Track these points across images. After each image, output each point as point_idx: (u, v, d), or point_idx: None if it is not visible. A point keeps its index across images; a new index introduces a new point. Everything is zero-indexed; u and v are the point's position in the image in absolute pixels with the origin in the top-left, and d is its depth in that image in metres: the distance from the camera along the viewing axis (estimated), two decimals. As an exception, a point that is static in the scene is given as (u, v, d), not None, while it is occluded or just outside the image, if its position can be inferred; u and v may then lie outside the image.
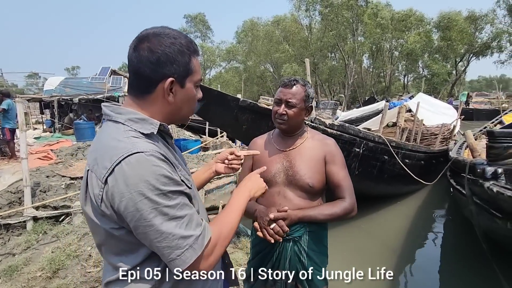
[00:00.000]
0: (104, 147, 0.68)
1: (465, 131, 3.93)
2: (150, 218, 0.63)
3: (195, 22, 37.09)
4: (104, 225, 0.68)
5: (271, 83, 32.65)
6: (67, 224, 3.55)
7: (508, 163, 2.47)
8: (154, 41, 0.70)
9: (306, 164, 1.24)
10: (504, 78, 55.71)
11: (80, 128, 9.15)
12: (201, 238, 0.68)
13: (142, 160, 0.64)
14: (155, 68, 0.69)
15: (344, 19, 25.15)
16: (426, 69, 28.73)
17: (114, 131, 0.70)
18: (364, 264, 3.19)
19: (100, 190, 0.65)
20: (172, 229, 0.64)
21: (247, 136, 3.38)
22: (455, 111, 8.05)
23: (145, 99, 0.73)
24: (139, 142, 0.67)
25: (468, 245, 3.68)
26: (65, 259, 2.69)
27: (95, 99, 12.39)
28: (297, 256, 1.20)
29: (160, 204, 0.63)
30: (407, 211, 4.90)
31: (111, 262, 0.73)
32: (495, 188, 1.96)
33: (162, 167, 0.65)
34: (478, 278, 2.91)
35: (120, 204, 0.63)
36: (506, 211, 1.94)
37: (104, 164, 0.65)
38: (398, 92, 27.04)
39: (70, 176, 4.31)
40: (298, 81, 1.26)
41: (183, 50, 0.72)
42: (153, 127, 0.71)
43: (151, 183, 0.63)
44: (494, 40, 26.50)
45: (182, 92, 0.74)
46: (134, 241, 0.68)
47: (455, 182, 3.71)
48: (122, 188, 0.62)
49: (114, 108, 0.74)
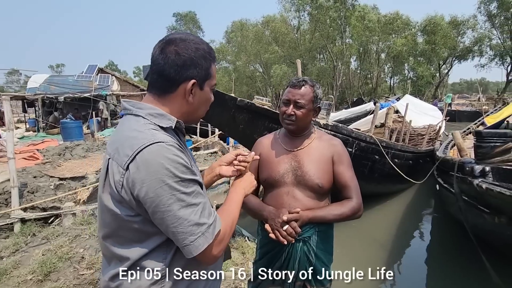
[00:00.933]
0: (125, 137, 0.73)
1: (453, 132, 4.07)
2: (169, 203, 0.67)
3: (185, 21, 36.71)
4: (121, 212, 0.71)
5: (260, 84, 32.73)
6: (57, 225, 3.45)
7: (495, 162, 2.61)
8: (181, 45, 0.76)
9: (315, 165, 1.24)
10: (484, 81, 58.02)
11: (67, 127, 8.92)
12: (213, 227, 0.72)
13: (163, 150, 0.68)
14: (180, 70, 0.75)
15: (333, 21, 25.53)
16: (411, 72, 29.52)
17: (134, 124, 0.74)
18: (357, 260, 3.29)
19: (121, 177, 0.69)
20: (188, 215, 0.68)
21: (243, 136, 3.39)
22: (440, 113, 8.33)
23: (165, 97, 0.78)
24: (158, 133, 0.72)
25: (452, 240, 3.83)
26: (56, 262, 2.61)
27: (82, 97, 12.08)
28: (306, 256, 1.21)
29: (178, 191, 0.67)
30: (396, 209, 5.04)
31: (118, 253, 0.74)
32: (484, 185, 2.04)
33: (181, 157, 0.70)
34: (461, 269, 3.07)
35: (141, 190, 0.67)
36: (494, 206, 2.02)
37: (126, 152, 0.69)
38: (384, 94, 27.63)
39: (59, 177, 4.20)
40: (307, 81, 1.26)
41: (205, 55, 0.78)
42: (170, 122, 0.76)
43: (171, 170, 0.67)
44: (475, 45, 27.56)
45: (200, 94, 0.80)
46: (146, 230, 0.72)
47: (443, 181, 3.83)
48: (143, 174, 0.66)
49: (134, 103, 0.79)
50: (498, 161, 2.62)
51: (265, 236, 1.26)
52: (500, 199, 1.87)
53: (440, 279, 3.04)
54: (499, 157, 2.62)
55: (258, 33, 30.05)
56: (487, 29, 27.22)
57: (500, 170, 2.53)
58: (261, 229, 1.31)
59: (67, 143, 7.02)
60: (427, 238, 4.26)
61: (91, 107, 11.86)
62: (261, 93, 30.67)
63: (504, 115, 7.01)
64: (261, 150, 1.35)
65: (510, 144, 2.64)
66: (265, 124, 3.17)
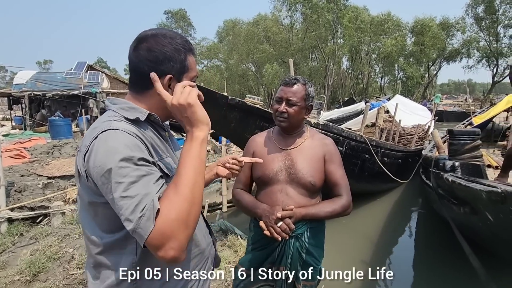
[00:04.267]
0: (91, 129, 0.74)
1: (432, 131, 4.25)
2: (109, 191, 0.64)
3: (176, 18, 36.37)
4: (91, 199, 0.71)
5: (253, 83, 32.70)
6: (45, 225, 3.39)
7: (465, 158, 2.87)
8: (152, 41, 0.75)
9: (308, 163, 1.27)
10: (471, 83, 59.52)
11: (55, 125, 8.72)
12: (145, 221, 0.62)
13: (111, 136, 0.67)
14: (153, 66, 0.74)
15: (326, 21, 25.70)
16: (401, 72, 30.02)
17: (103, 117, 0.76)
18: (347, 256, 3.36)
19: (83, 166, 0.70)
20: (120, 207, 0.63)
21: (234, 134, 3.39)
22: (429, 113, 8.50)
23: (144, 94, 0.78)
24: (117, 123, 0.71)
25: (436, 234, 4.00)
26: (45, 262, 2.57)
27: (71, 95, 11.84)
28: (298, 252, 1.24)
29: (112, 180, 0.64)
30: (384, 207, 5.15)
31: (94, 240, 0.75)
32: (451, 178, 2.17)
33: (126, 145, 0.66)
34: (444, 262, 3.20)
35: (93, 178, 0.67)
36: (460, 197, 2.13)
37: (85, 143, 0.70)
38: (375, 94, 28.07)
39: (47, 176, 4.12)
40: (299, 80, 1.29)
41: (179, 48, 0.77)
42: (140, 114, 0.75)
43: (111, 158, 0.65)
44: (464, 47, 28.21)
45: None
46: (114, 216, 0.68)
47: (425, 177, 3.99)
48: (92, 163, 0.66)
49: (111, 100, 0.80)
50: (467, 157, 2.88)
51: (257, 232, 1.28)
52: (463, 190, 1.98)
53: (426, 272, 3.15)
54: (468, 154, 2.89)
55: (250, 32, 30.01)
56: (474, 31, 27.93)
57: (468, 165, 2.77)
58: (254, 226, 1.33)
59: (56, 141, 6.87)
60: (413, 233, 4.41)
61: (80, 104, 11.64)
62: (254, 92, 30.67)
63: (490, 115, 7.23)
64: (254, 148, 1.37)
65: (478, 142, 2.92)
66: (256, 122, 3.17)
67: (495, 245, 2.11)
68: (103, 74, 14.74)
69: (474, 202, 1.90)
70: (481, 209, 1.77)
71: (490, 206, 1.62)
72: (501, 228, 1.69)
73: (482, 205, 1.75)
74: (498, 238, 1.90)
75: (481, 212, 1.78)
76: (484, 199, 1.55)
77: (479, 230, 2.07)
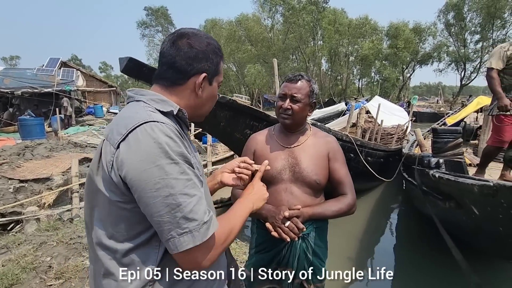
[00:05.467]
0: (122, 118, 0.69)
1: (415, 129, 4.43)
2: (157, 188, 0.60)
3: (156, 16, 35.47)
4: (111, 197, 0.65)
5: (234, 82, 32.60)
6: (18, 232, 3.14)
7: (448, 155, 3.02)
8: (194, 38, 0.75)
9: (312, 161, 1.24)
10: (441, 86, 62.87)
11: (26, 124, 8.19)
12: (205, 228, 0.63)
13: (158, 128, 0.63)
14: (192, 62, 0.74)
15: (305, 23, 26.15)
16: (378, 74, 31.18)
17: (133, 107, 0.71)
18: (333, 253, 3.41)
19: (112, 156, 0.64)
20: (177, 205, 0.61)
21: (224, 133, 3.32)
22: (406, 114, 8.85)
23: (174, 89, 0.76)
24: (156, 114, 0.68)
25: (417, 230, 4.18)
26: (19, 273, 2.38)
27: (42, 93, 11.17)
28: (305, 253, 1.21)
29: (169, 175, 0.61)
30: (369, 205, 5.29)
31: (105, 243, 0.68)
32: (437, 174, 2.24)
33: (176, 141, 0.64)
34: (425, 255, 3.37)
35: (128, 171, 0.61)
36: (445, 193, 2.22)
37: (119, 131, 0.65)
38: (353, 95, 28.91)
39: (19, 179, 3.83)
40: (303, 76, 1.25)
41: (216, 51, 0.78)
42: (172, 108, 0.72)
43: (165, 150, 0.61)
44: (435, 51, 29.81)
45: (209, 89, 0.79)
46: (136, 220, 0.65)
47: (407, 175, 4.14)
48: (133, 154, 0.61)
49: (137, 91, 0.76)
50: (450, 155, 3.03)
51: (261, 234, 1.24)
52: (448, 185, 2.06)
53: (407, 265, 3.31)
54: (451, 151, 3.04)
55: (231, 32, 29.92)
56: (444, 37, 29.62)
57: (451, 162, 2.94)
58: (257, 227, 1.28)
59: (27, 142, 6.44)
60: (394, 229, 4.58)
61: (53, 103, 11.01)
62: (235, 92, 30.59)
63: (461, 115, 7.67)
64: (255, 146, 1.32)
65: (460, 140, 3.09)
66: (246, 121, 3.12)
67: (477, 238, 2.20)
68: (78, 72, 14.07)
69: (460, 197, 1.97)
70: (467, 203, 1.84)
71: (478, 200, 1.68)
72: (486, 221, 1.76)
73: (469, 199, 1.81)
74: (481, 231, 1.98)
75: (467, 206, 1.85)
76: (475, 193, 1.60)
77: (463, 224, 2.15)
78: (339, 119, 8.29)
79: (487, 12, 25.62)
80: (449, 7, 27.94)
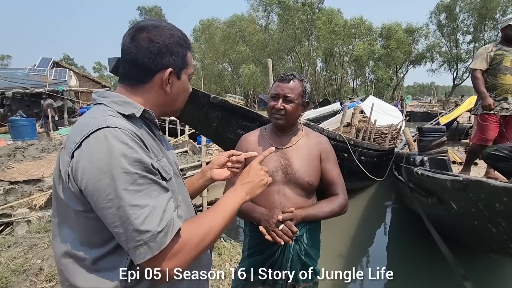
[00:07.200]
0: (79, 124, 0.66)
1: (404, 129, 4.49)
2: (109, 199, 0.58)
3: (149, 16, 35.24)
4: (74, 206, 0.63)
5: (229, 82, 32.55)
6: (7, 235, 3.10)
7: (432, 153, 3.08)
8: (154, 32, 0.70)
9: (305, 162, 1.23)
10: (434, 85, 63.70)
11: (17, 125, 8.06)
12: (162, 236, 0.60)
13: (112, 135, 0.60)
14: (155, 58, 0.69)
15: (301, 23, 26.22)
16: (372, 74, 31.42)
17: (93, 111, 0.68)
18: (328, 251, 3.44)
19: (67, 166, 0.62)
20: (128, 217, 0.58)
21: (216, 134, 3.30)
22: (400, 113, 8.93)
23: (139, 88, 0.72)
24: (114, 119, 0.64)
25: (408, 227, 4.24)
26: (9, 276, 2.34)
27: (34, 93, 11.01)
28: (298, 254, 1.20)
29: (119, 186, 0.58)
30: (362, 204, 5.33)
31: (75, 253, 0.66)
32: (420, 171, 2.29)
33: (132, 146, 0.61)
34: (416, 251, 3.44)
35: (82, 180, 0.59)
36: (428, 189, 2.26)
37: (74, 139, 0.62)
38: (348, 95, 29.10)
39: (9, 180, 3.77)
40: (296, 75, 1.23)
41: (181, 42, 0.73)
42: (135, 110, 0.68)
43: (116, 160, 0.58)
44: (428, 51, 30.14)
45: (178, 84, 0.75)
46: (102, 227, 0.62)
47: (398, 173, 4.19)
48: (85, 163, 0.59)
49: (100, 93, 0.72)
50: (434, 153, 3.09)
51: (254, 237, 1.23)
52: (428, 182, 2.11)
53: (400, 262, 3.37)
54: (435, 149, 3.09)
55: (226, 32, 29.87)
56: (437, 37, 29.97)
57: (435, 160, 3.00)
58: (250, 230, 1.27)
59: (18, 143, 6.35)
60: (387, 227, 4.64)
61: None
62: (230, 92, 30.55)
63: (454, 115, 7.76)
64: (247, 147, 1.30)
65: (444, 138, 3.14)
66: (238, 122, 3.12)
67: (458, 232, 2.24)
68: (71, 72, 13.92)
69: (440, 192, 2.01)
70: (447, 199, 1.88)
71: (454, 195, 1.71)
72: (463, 215, 1.79)
73: (447, 195, 1.85)
74: (461, 225, 2.01)
75: (447, 201, 1.88)
76: (449, 188, 1.64)
77: (445, 219, 2.19)
78: (333, 119, 8.34)
79: (478, 13, 25.98)
80: (441, 8, 28.28)
